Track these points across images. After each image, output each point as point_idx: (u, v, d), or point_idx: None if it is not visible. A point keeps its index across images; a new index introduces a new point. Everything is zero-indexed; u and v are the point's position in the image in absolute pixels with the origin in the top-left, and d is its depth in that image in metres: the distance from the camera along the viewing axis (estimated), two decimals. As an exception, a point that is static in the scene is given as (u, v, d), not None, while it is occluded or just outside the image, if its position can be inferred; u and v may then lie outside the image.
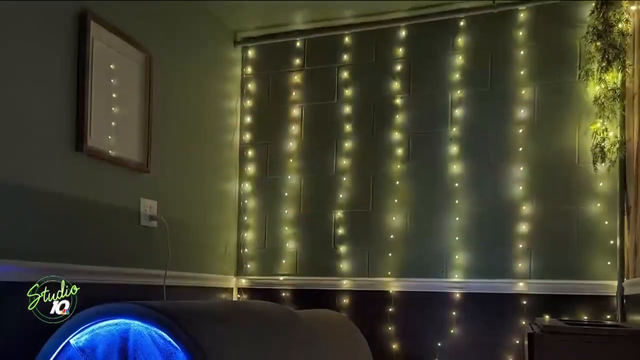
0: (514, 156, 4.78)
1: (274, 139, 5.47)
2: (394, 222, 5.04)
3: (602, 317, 4.45)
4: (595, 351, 3.15)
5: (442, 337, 4.82)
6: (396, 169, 5.07)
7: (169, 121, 4.50)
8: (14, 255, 3.09)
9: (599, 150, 4.37)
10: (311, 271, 5.26)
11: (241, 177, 5.53)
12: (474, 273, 4.79)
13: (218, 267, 5.20)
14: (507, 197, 4.77)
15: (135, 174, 4.10)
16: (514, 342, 4.63)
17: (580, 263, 4.55)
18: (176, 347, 2.72)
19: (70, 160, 3.54)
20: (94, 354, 2.87)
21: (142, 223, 4.15)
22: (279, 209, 5.40)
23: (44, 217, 3.34)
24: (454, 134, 4.95)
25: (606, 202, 4.53)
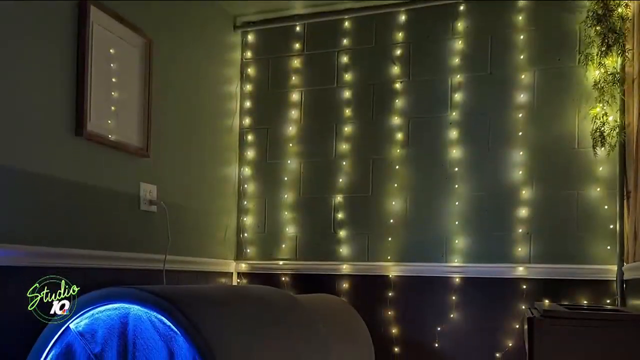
0: (513, 141, 4.76)
1: (273, 123, 5.46)
2: (393, 206, 5.03)
3: (601, 301, 4.44)
4: (595, 336, 3.14)
5: (442, 322, 4.81)
6: (396, 154, 5.06)
7: (168, 106, 4.48)
8: (13, 240, 3.08)
9: (599, 135, 4.36)
10: (311, 255, 5.26)
11: (241, 162, 5.51)
12: (474, 257, 4.78)
13: (218, 252, 5.19)
14: (506, 181, 4.75)
15: (135, 158, 4.09)
16: (514, 327, 4.62)
17: (580, 247, 4.54)
18: (176, 332, 2.72)
19: (70, 144, 3.53)
20: (93, 338, 2.87)
21: (141, 208, 4.14)
22: (279, 193, 5.38)
23: (43, 202, 3.33)
24: (454, 118, 4.93)
25: (606, 187, 4.51)
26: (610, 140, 4.35)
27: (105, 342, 2.84)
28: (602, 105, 4.39)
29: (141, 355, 2.79)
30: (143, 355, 2.78)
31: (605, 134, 4.35)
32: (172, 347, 2.73)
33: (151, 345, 2.77)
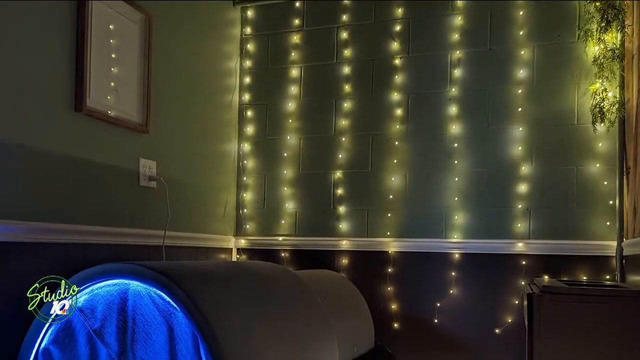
0: (513, 116, 4.74)
1: (273, 99, 5.43)
2: (393, 182, 5.01)
3: (601, 277, 4.44)
4: (595, 311, 3.13)
5: (442, 297, 4.81)
6: (395, 130, 5.04)
7: (168, 82, 4.45)
8: (12, 216, 3.07)
9: (598, 111, 4.35)
10: (310, 231, 5.25)
11: (240, 138, 5.49)
12: (473, 233, 4.77)
13: (217, 228, 5.17)
14: (506, 157, 4.74)
15: (134, 134, 4.06)
16: (513, 302, 4.62)
17: (580, 223, 4.54)
18: (175, 307, 2.70)
19: (69, 120, 3.51)
20: (93, 314, 2.86)
21: (141, 183, 4.12)
22: (278, 169, 5.36)
23: (42, 177, 3.31)
24: (453, 94, 4.90)
25: (605, 163, 4.50)
26: (610, 116, 4.34)
27: (105, 318, 2.84)
28: (602, 81, 4.38)
29: (140, 330, 2.78)
30: (142, 330, 2.78)
31: (605, 109, 4.33)
32: (172, 322, 2.72)
33: (150, 321, 2.77)
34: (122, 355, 2.79)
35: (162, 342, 2.74)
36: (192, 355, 2.68)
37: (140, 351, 2.77)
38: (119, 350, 2.80)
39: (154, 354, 2.75)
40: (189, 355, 2.69)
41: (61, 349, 2.88)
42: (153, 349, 2.75)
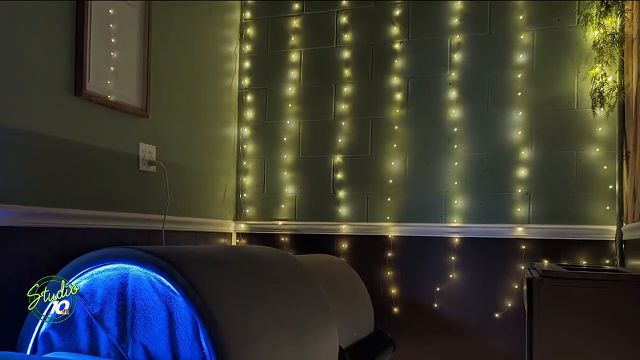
0: (512, 101, 4.73)
1: (272, 83, 5.41)
2: (392, 167, 5.00)
3: (601, 262, 4.43)
4: (594, 296, 3.13)
5: (441, 282, 4.80)
6: (395, 114, 5.02)
7: (168, 66, 4.44)
8: (11, 200, 3.07)
9: (598, 95, 4.33)
10: (310, 216, 5.24)
11: (240, 122, 5.47)
12: (473, 218, 4.77)
13: (217, 212, 5.16)
14: (505, 142, 4.72)
15: (134, 118, 4.05)
16: (513, 287, 4.61)
17: (579, 208, 4.53)
18: (175, 292, 2.69)
19: (69, 105, 3.50)
20: (92, 298, 2.84)
21: (140, 168, 4.10)
22: (278, 153, 5.35)
23: (42, 162, 3.30)
24: (453, 78, 4.89)
25: (605, 147, 4.49)
26: (610, 100, 4.32)
27: (105, 303, 2.82)
28: (602, 65, 4.36)
29: (140, 315, 2.77)
30: (142, 315, 2.76)
31: (605, 94, 4.32)
32: (171, 307, 2.71)
33: (150, 306, 2.75)
34: (122, 339, 2.79)
35: (161, 327, 2.73)
36: (192, 340, 2.67)
37: (140, 335, 2.76)
38: (119, 335, 2.79)
39: (154, 338, 2.74)
40: (188, 340, 2.68)
41: (61, 334, 2.87)
42: (153, 333, 2.74)
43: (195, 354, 2.67)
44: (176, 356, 2.71)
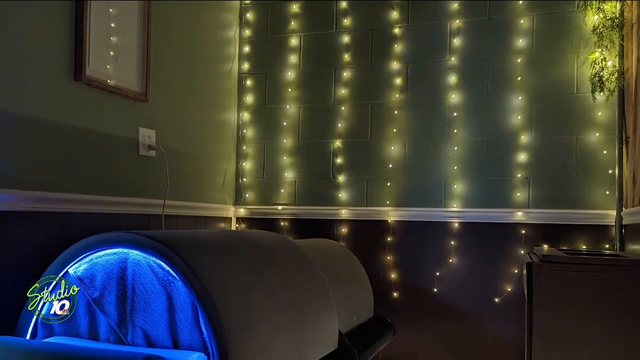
0: (512, 86, 4.71)
1: (272, 68, 5.39)
2: (392, 151, 4.98)
3: (600, 246, 4.43)
4: (594, 280, 3.12)
5: (441, 266, 4.80)
6: (395, 99, 5.00)
7: (167, 51, 4.41)
8: (11, 185, 3.05)
9: (598, 80, 4.33)
10: (310, 200, 5.23)
11: (240, 107, 5.45)
12: (473, 202, 4.75)
13: (216, 197, 5.15)
14: (505, 126, 4.71)
15: (133, 103, 4.04)
16: (512, 272, 4.61)
17: (579, 192, 4.52)
18: (175, 277, 2.68)
19: (69, 89, 3.48)
20: (92, 283, 2.83)
21: (140, 152, 4.09)
22: (278, 138, 5.33)
23: (42, 147, 3.28)
24: (453, 63, 4.87)
25: (604, 132, 4.48)
26: (609, 85, 4.31)
27: (104, 287, 2.81)
28: (601, 50, 4.35)
29: (140, 300, 2.76)
30: (142, 300, 2.75)
31: (604, 79, 4.31)
32: (171, 291, 2.70)
33: (150, 290, 2.74)
34: (122, 324, 2.78)
35: (161, 311, 2.72)
36: (192, 325, 2.66)
37: (139, 320, 2.75)
38: (119, 320, 2.78)
39: (153, 323, 2.73)
40: (188, 325, 2.67)
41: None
42: (152, 318, 2.73)
43: (194, 338, 2.66)
44: (176, 341, 2.70)
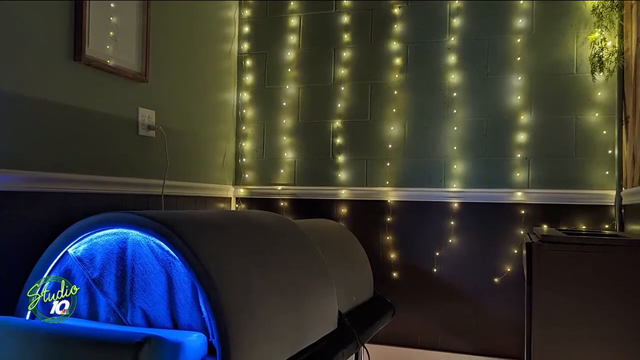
0: (512, 66, 4.69)
1: (272, 48, 5.36)
2: (392, 131, 4.96)
3: (600, 226, 4.42)
4: (594, 260, 3.11)
5: (441, 247, 4.79)
6: (394, 79, 4.98)
7: (167, 31, 4.38)
8: (11, 165, 3.04)
9: (597, 60, 4.32)
10: (309, 181, 5.21)
11: (239, 87, 5.43)
12: (472, 182, 4.74)
13: (216, 177, 5.13)
14: (505, 106, 4.69)
15: (133, 83, 4.01)
16: (512, 252, 4.60)
17: (579, 173, 4.51)
18: (174, 257, 2.66)
19: (68, 69, 3.47)
20: (92, 263, 2.82)
21: (140, 133, 4.07)
22: (277, 118, 5.31)
23: (41, 127, 3.27)
24: (452, 43, 4.84)
25: (604, 112, 4.46)
26: (609, 65, 4.30)
27: (104, 267, 2.80)
28: (601, 30, 4.35)
29: (140, 280, 2.74)
30: (142, 280, 2.74)
31: (604, 59, 4.30)
32: (171, 272, 2.69)
33: (150, 270, 2.73)
34: (121, 304, 2.76)
35: (161, 292, 2.70)
36: (191, 305, 2.65)
37: (139, 300, 2.74)
38: (118, 300, 2.77)
39: (153, 303, 2.72)
40: (188, 305, 2.66)
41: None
42: (152, 298, 2.72)
43: (194, 318, 2.65)
44: (175, 321, 2.69)
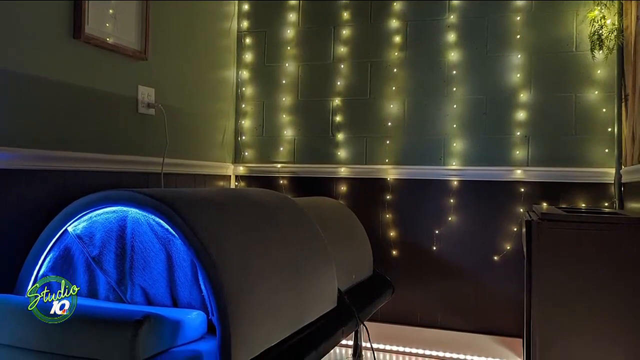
0: (511, 44, 4.66)
1: (271, 26, 5.32)
2: (391, 109, 4.94)
3: (599, 204, 4.41)
4: (593, 238, 3.11)
5: (440, 225, 4.78)
6: (394, 57, 4.95)
7: (166, 8, 4.35)
8: (10, 143, 3.03)
9: (597, 38, 4.29)
10: (309, 158, 5.19)
11: (239, 65, 5.40)
12: (472, 160, 4.72)
13: (216, 155, 5.11)
14: (504, 84, 4.66)
15: (133, 61, 4.00)
16: (512, 230, 4.59)
17: (578, 150, 4.49)
18: (174, 235, 2.66)
19: (68, 47, 3.46)
20: (91, 241, 2.81)
21: (139, 111, 4.05)
22: (277, 96, 5.28)
23: (41, 105, 3.25)
24: (452, 21, 4.81)
25: (604, 90, 4.44)
26: (609, 43, 4.27)
27: (104, 245, 2.79)
28: (600, 8, 4.32)
29: (139, 258, 2.73)
30: (141, 257, 2.73)
31: (603, 37, 4.27)
32: (170, 249, 2.68)
33: (149, 248, 2.72)
34: (121, 282, 2.76)
35: (160, 269, 2.70)
36: (191, 282, 2.64)
37: (138, 278, 2.73)
38: (118, 278, 2.76)
39: (153, 281, 2.71)
40: (187, 282, 2.65)
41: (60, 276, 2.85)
42: (152, 276, 2.71)
43: (194, 296, 2.64)
44: (175, 299, 2.68)
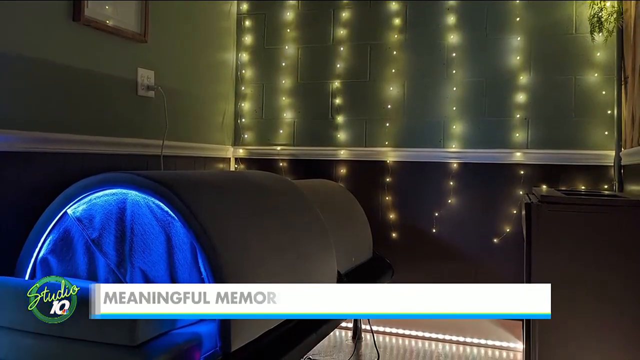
0: (511, 26, 4.63)
1: (270, 8, 5.29)
2: (391, 92, 4.92)
3: (599, 187, 4.40)
4: (593, 221, 3.09)
5: (440, 207, 4.77)
6: (393, 39, 4.92)
7: (166, -10, 4.34)
8: (10, 125, 3.02)
9: (597, 20, 4.27)
10: (308, 141, 5.18)
11: (238, 47, 5.38)
12: (472, 143, 4.71)
13: (215, 137, 5.10)
14: (504, 67, 4.64)
15: (132, 43, 3.99)
16: (511, 212, 4.58)
17: (578, 133, 4.47)
18: (173, 217, 2.64)
19: (67, 30, 3.45)
20: (91, 224, 2.80)
21: (139, 93, 4.04)
22: (277, 79, 5.26)
23: (40, 87, 3.25)
24: (451, 4, 4.78)
25: (603, 72, 4.42)
26: (608, 25, 4.24)
27: (103, 228, 2.77)
28: (600, -10, 4.29)
29: (139, 240, 2.72)
30: (141, 240, 2.72)
31: (603, 19, 4.25)
32: (170, 232, 2.67)
33: (149, 231, 2.71)
34: (121, 264, 2.74)
35: (160, 252, 2.68)
36: (190, 265, 2.63)
37: (138, 261, 2.72)
38: (117, 260, 2.75)
39: (152, 263, 2.70)
40: (187, 265, 2.64)
41: (59, 259, 2.83)
42: (151, 258, 2.70)
43: (193, 279, 2.63)
44: (174, 281, 2.67)
